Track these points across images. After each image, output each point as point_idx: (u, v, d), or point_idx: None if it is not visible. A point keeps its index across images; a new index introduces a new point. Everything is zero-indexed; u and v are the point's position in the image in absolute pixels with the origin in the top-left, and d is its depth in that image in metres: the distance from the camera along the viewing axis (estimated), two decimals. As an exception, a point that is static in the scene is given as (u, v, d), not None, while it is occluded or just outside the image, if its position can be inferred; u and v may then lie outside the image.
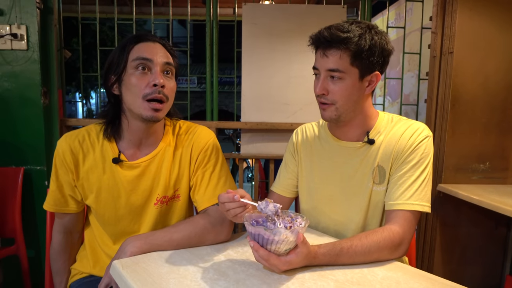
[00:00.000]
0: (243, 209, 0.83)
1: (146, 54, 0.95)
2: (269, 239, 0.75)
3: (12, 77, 1.89)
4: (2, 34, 1.83)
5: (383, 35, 0.95)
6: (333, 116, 0.99)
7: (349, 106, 0.98)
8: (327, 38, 0.93)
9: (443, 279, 0.80)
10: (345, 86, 0.95)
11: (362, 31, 0.92)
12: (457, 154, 1.86)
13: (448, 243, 1.91)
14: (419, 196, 0.94)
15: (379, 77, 0.98)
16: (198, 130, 1.10)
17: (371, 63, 0.94)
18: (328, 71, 0.95)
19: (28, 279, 1.87)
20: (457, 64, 1.80)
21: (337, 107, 0.97)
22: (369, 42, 0.92)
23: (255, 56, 2.29)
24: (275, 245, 0.76)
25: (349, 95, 0.96)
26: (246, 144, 2.32)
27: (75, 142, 1.02)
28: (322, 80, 0.97)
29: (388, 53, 0.96)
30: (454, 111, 1.82)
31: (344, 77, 0.94)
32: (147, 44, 0.97)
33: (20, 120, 1.92)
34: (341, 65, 0.93)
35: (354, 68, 0.94)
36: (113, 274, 0.84)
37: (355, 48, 0.91)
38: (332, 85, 0.96)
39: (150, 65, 0.95)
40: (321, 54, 0.96)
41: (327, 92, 0.97)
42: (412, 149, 0.97)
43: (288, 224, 0.80)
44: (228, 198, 0.82)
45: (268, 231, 0.74)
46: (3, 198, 1.85)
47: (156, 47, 0.97)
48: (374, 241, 0.87)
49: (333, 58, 0.93)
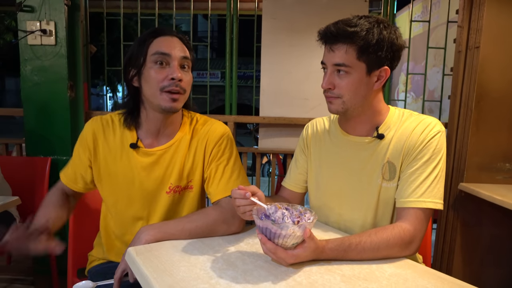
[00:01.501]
0: (253, 207, 0.85)
1: (165, 48, 0.99)
2: (276, 233, 0.76)
3: (42, 71, 1.98)
4: (32, 30, 1.92)
5: (392, 30, 0.93)
6: (340, 109, 0.99)
7: (357, 101, 0.97)
8: (334, 33, 0.93)
9: (453, 278, 0.79)
10: (352, 80, 0.94)
11: (370, 25, 0.91)
12: (481, 153, 1.79)
13: (469, 244, 1.86)
14: (431, 193, 0.92)
15: (388, 72, 0.96)
16: (214, 124, 1.13)
17: (379, 58, 0.93)
18: (335, 66, 0.95)
19: (54, 263, 1.97)
20: (483, 59, 1.73)
21: (344, 101, 0.97)
22: (377, 37, 0.90)
23: (275, 51, 2.29)
24: (282, 239, 0.77)
25: (356, 89, 0.95)
26: (264, 138, 2.34)
27: (98, 125, 1.10)
28: (328, 74, 0.97)
29: (398, 48, 0.95)
30: (479, 108, 1.75)
31: (351, 71, 0.94)
32: (165, 38, 1.01)
33: (48, 112, 2.02)
34: (347, 59, 0.92)
35: (361, 62, 0.93)
36: (128, 260, 0.88)
37: (361, 42, 0.90)
38: (338, 79, 0.96)
39: (168, 60, 0.99)
40: (328, 49, 0.96)
41: (334, 87, 0.97)
42: (424, 145, 0.95)
43: (296, 219, 0.80)
44: (240, 194, 0.84)
45: (275, 225, 0.76)
46: (32, 186, 1.96)
47: (173, 41, 1.01)
48: (383, 238, 0.86)
49: (339, 52, 0.93)
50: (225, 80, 2.40)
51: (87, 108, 2.20)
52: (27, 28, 1.93)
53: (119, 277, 0.93)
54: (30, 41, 1.95)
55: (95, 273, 1.14)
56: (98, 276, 1.10)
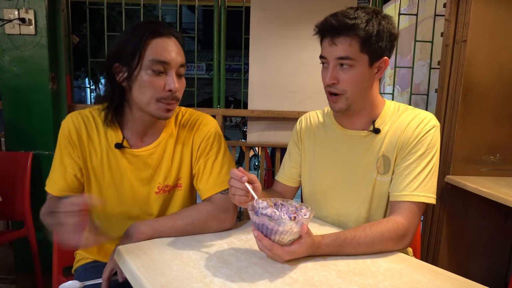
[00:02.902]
0: (244, 193, 0.83)
1: (164, 56, 0.91)
2: (273, 230, 0.75)
3: (21, 62, 1.90)
4: (10, 19, 1.83)
5: (389, 19, 0.93)
6: (344, 106, 0.98)
7: (359, 95, 0.96)
8: (335, 25, 0.91)
9: (447, 271, 0.79)
10: (356, 73, 0.93)
11: (369, 16, 0.90)
12: (467, 146, 1.82)
13: (455, 235, 1.90)
14: (425, 188, 0.93)
15: (387, 62, 0.96)
16: (200, 118, 1.09)
17: (380, 48, 0.92)
18: (338, 60, 0.93)
19: (37, 261, 1.92)
20: (470, 53, 1.75)
21: (347, 97, 0.96)
22: (377, 27, 0.90)
23: (264, 43, 2.25)
24: (279, 235, 0.76)
25: (359, 83, 0.94)
26: (252, 132, 2.31)
27: (80, 121, 1.01)
28: (331, 69, 0.95)
29: (395, 37, 0.95)
30: (466, 101, 1.78)
31: (354, 64, 0.92)
32: (163, 40, 0.93)
33: (28, 105, 1.94)
34: (351, 52, 0.91)
35: (364, 54, 0.92)
36: (118, 259, 0.85)
37: (363, 34, 0.89)
38: (342, 73, 0.94)
39: (166, 68, 0.93)
40: (329, 42, 0.93)
41: (337, 81, 0.95)
42: (418, 139, 0.95)
43: (292, 215, 0.79)
44: (237, 175, 0.83)
45: (272, 222, 0.74)
46: (13, 182, 1.89)
47: (171, 44, 0.94)
48: (378, 232, 0.86)
49: (343, 45, 0.91)
50: (211, 73, 2.36)
51: (70, 101, 2.12)
52: (5, 17, 1.84)
53: (108, 276, 0.91)
54: (8, 30, 1.86)
55: (82, 272, 1.10)
56: (85, 275, 1.06)
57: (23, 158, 1.90)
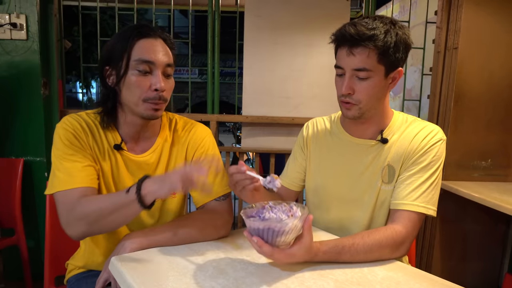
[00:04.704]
0: (250, 182, 0.85)
1: (148, 55, 0.92)
2: (280, 231, 0.73)
3: (12, 67, 1.88)
4: (1, 24, 1.81)
5: (405, 30, 0.92)
6: (356, 114, 0.97)
7: (372, 104, 0.96)
8: (354, 35, 0.88)
9: (445, 280, 0.80)
10: (372, 85, 0.93)
11: (387, 27, 0.89)
12: (459, 151, 1.85)
13: (448, 240, 1.91)
14: (425, 199, 0.93)
15: (401, 73, 0.96)
16: (194, 127, 1.10)
17: (396, 60, 0.91)
18: (355, 71, 0.92)
19: (28, 269, 1.88)
20: (461, 60, 1.78)
21: (361, 107, 0.96)
22: (394, 38, 0.89)
23: (257, 49, 2.26)
24: (285, 236, 0.74)
25: (374, 93, 0.94)
26: (246, 137, 2.31)
27: (81, 121, 0.99)
28: (348, 79, 0.94)
29: (409, 48, 0.94)
30: (457, 107, 1.80)
31: (371, 75, 0.92)
32: (149, 41, 0.94)
33: (20, 111, 1.91)
34: (369, 63, 0.90)
35: (381, 65, 0.91)
36: (112, 270, 0.83)
37: (382, 45, 0.88)
38: (358, 84, 0.93)
39: (152, 67, 0.93)
40: (347, 52, 0.91)
41: (353, 92, 0.94)
42: (424, 150, 0.96)
43: (289, 213, 0.78)
44: (236, 169, 0.85)
45: (279, 223, 0.73)
46: (3, 189, 1.86)
47: (157, 44, 0.94)
48: (376, 240, 0.87)
49: (361, 56, 0.90)
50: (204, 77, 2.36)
51: (62, 107, 2.10)
52: (-5, 22, 1.82)
53: (101, 287, 0.89)
54: (-1, 35, 1.83)
55: (75, 282, 1.08)
56: (78, 286, 1.05)
57: (14, 165, 1.87)
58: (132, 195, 0.81)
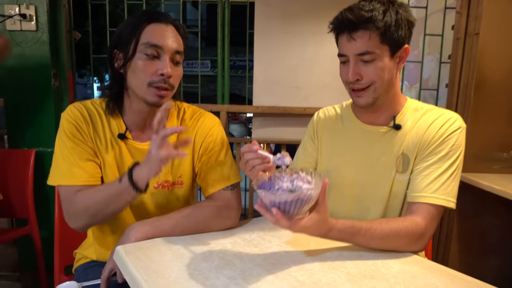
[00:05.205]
0: (261, 162, 0.82)
1: (157, 39, 0.90)
2: (308, 200, 0.68)
3: (22, 58, 1.87)
4: (11, 15, 1.81)
5: (405, 7, 0.90)
6: (370, 100, 0.93)
7: (384, 87, 0.92)
8: (352, 20, 0.87)
9: (464, 274, 0.75)
10: (379, 66, 0.89)
11: (385, 6, 0.87)
12: (478, 142, 1.76)
13: (466, 234, 1.84)
14: (445, 191, 0.88)
15: (408, 50, 0.92)
16: (202, 116, 1.07)
17: (400, 38, 0.89)
18: (358, 56, 0.89)
19: (41, 259, 1.90)
20: (483, 46, 1.69)
21: (374, 90, 0.92)
22: (394, 17, 0.87)
23: (268, 38, 2.21)
24: (308, 205, 0.69)
25: (383, 75, 0.90)
26: (257, 128, 2.28)
27: (84, 110, 0.98)
28: (353, 65, 0.90)
29: (412, 24, 0.91)
30: (478, 95, 1.72)
31: (376, 57, 0.89)
32: (159, 26, 0.91)
33: (31, 102, 1.91)
34: (371, 45, 0.87)
35: (384, 45, 0.88)
36: (116, 259, 0.82)
37: (382, 25, 0.86)
38: (364, 68, 0.90)
39: (160, 52, 0.91)
40: (347, 38, 0.89)
41: (361, 77, 0.91)
42: (442, 139, 0.91)
43: (304, 181, 0.72)
44: (248, 147, 0.84)
45: (307, 192, 0.67)
46: (16, 179, 1.87)
47: (168, 30, 0.92)
48: (394, 228, 0.83)
49: (362, 40, 0.87)
50: (215, 70, 2.32)
51: (72, 97, 2.10)
52: (5, 13, 1.81)
53: (107, 277, 0.88)
54: (9, 27, 1.83)
55: (82, 272, 1.07)
56: (85, 275, 1.03)
57: (26, 156, 1.88)
58: (125, 182, 0.85)
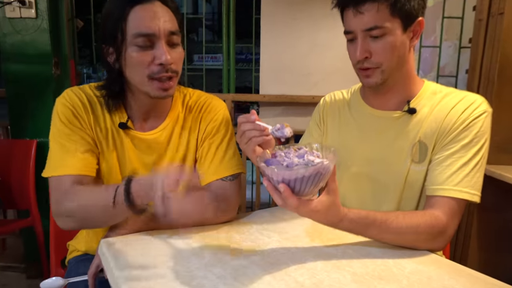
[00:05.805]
0: (259, 134, 0.74)
1: (146, 26, 0.80)
2: (327, 173, 0.60)
3: (22, 47, 1.83)
4: (10, 1, 1.76)
5: None
6: (379, 80, 0.84)
7: (395, 65, 0.83)
8: None
9: (485, 275, 0.66)
10: (390, 42, 0.79)
11: None
12: (501, 132, 1.64)
13: (487, 230, 1.73)
14: (469, 183, 0.78)
15: (423, 23, 0.82)
16: (208, 100, 1.00)
17: (412, 9, 0.79)
18: (366, 31, 0.79)
19: (43, 250, 1.87)
20: (508, 26, 1.56)
21: (383, 70, 0.82)
22: None
23: (275, 24, 2.13)
24: (323, 182, 0.61)
25: (394, 51, 0.80)
26: (264, 118, 2.19)
27: (82, 96, 0.90)
28: (361, 42, 0.81)
29: None
30: (501, 80, 1.59)
31: (386, 31, 0.79)
32: (144, 7, 0.80)
33: (32, 91, 1.88)
34: (380, 19, 0.77)
35: (396, 18, 0.78)
36: (100, 253, 0.75)
37: None
38: (373, 45, 0.80)
39: (153, 40, 0.81)
40: (353, 12, 0.80)
41: (370, 54, 0.81)
42: (465, 125, 0.80)
43: (313, 155, 0.64)
44: (246, 117, 0.75)
45: (327, 163, 0.59)
46: (17, 170, 1.85)
47: (156, 10, 0.81)
48: (412, 223, 0.74)
49: (370, 13, 0.78)
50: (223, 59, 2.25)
51: (74, 87, 2.05)
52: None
53: (94, 272, 0.81)
54: (8, 14, 1.78)
55: (74, 264, 1.02)
56: (77, 268, 0.98)
57: (27, 146, 1.85)
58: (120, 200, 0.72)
